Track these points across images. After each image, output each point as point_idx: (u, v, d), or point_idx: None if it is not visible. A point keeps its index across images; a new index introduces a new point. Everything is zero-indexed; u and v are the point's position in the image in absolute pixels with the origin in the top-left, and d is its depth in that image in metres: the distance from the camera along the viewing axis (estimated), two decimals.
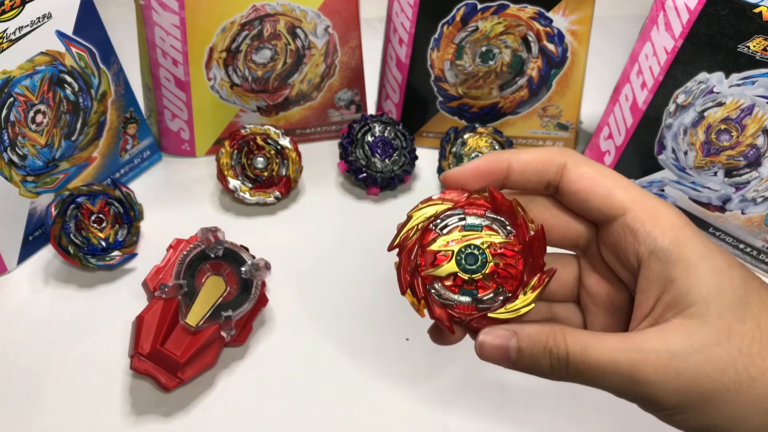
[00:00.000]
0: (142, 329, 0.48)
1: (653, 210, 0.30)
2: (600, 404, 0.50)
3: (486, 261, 0.32)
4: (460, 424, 0.49)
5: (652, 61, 0.61)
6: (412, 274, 0.32)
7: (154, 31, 0.61)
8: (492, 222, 0.32)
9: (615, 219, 0.31)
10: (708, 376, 0.27)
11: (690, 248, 0.29)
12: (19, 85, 0.52)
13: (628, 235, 0.30)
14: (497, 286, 0.32)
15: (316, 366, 0.52)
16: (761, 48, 0.55)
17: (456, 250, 0.32)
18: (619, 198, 0.30)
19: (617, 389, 0.29)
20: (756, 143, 0.58)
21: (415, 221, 0.32)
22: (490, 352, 0.31)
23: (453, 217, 0.32)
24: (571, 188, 0.31)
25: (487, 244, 0.32)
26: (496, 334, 0.31)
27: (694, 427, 0.29)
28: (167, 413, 0.48)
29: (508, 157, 0.32)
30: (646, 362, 0.28)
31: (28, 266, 0.58)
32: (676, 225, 0.29)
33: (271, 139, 0.64)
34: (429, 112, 0.70)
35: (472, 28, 0.65)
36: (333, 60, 0.67)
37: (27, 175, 0.55)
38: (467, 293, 0.32)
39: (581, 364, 0.29)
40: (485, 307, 0.32)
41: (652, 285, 0.29)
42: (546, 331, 0.30)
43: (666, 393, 0.28)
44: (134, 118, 0.64)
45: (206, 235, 0.52)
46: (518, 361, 0.31)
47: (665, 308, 0.29)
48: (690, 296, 0.28)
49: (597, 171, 0.31)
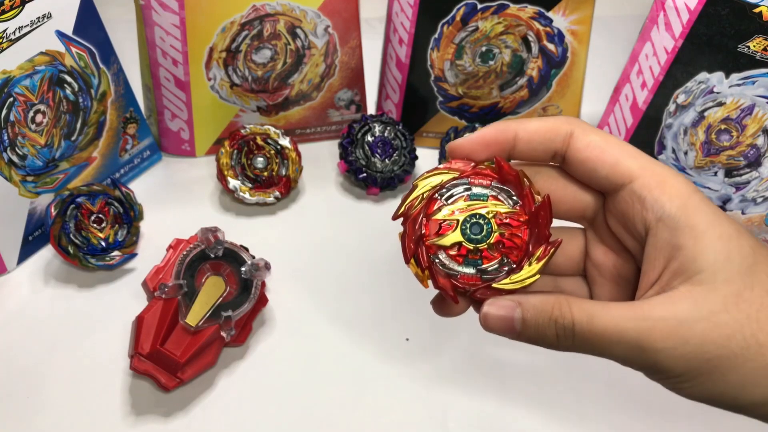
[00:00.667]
0: (142, 329, 0.48)
1: (661, 177, 0.29)
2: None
3: (491, 231, 0.31)
4: (461, 424, 0.49)
5: (652, 61, 0.61)
6: (416, 243, 0.32)
7: (154, 31, 0.61)
8: (498, 192, 0.32)
9: (623, 187, 0.30)
10: (715, 343, 0.27)
11: (698, 215, 0.28)
12: (18, 85, 0.52)
13: (636, 202, 0.30)
14: (502, 257, 0.31)
15: (316, 366, 0.52)
16: (761, 48, 0.55)
17: (461, 219, 0.31)
18: (627, 165, 0.30)
19: (624, 358, 0.29)
20: (756, 143, 0.58)
21: (420, 190, 0.32)
22: (495, 323, 0.31)
23: (459, 187, 0.32)
24: (578, 157, 0.31)
25: (492, 213, 0.31)
26: (500, 304, 0.31)
27: (701, 394, 0.29)
28: (167, 413, 0.48)
29: (514, 127, 0.32)
30: (653, 330, 0.27)
31: (28, 266, 0.58)
32: (684, 192, 0.29)
33: (271, 139, 0.64)
34: (429, 112, 0.70)
35: (472, 28, 0.65)
36: (333, 60, 0.67)
37: (27, 175, 0.55)
38: (472, 263, 0.32)
39: (588, 333, 0.29)
40: (490, 278, 0.31)
41: (660, 252, 0.29)
42: (551, 301, 0.30)
43: (673, 360, 0.27)
44: (134, 118, 0.64)
45: (206, 235, 0.52)
46: (523, 332, 0.30)
47: (672, 276, 0.28)
48: (697, 263, 0.28)
49: (604, 139, 0.31)
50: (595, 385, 0.52)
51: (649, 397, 0.51)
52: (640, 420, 0.50)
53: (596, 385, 0.52)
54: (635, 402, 0.51)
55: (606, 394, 0.51)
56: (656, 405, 0.51)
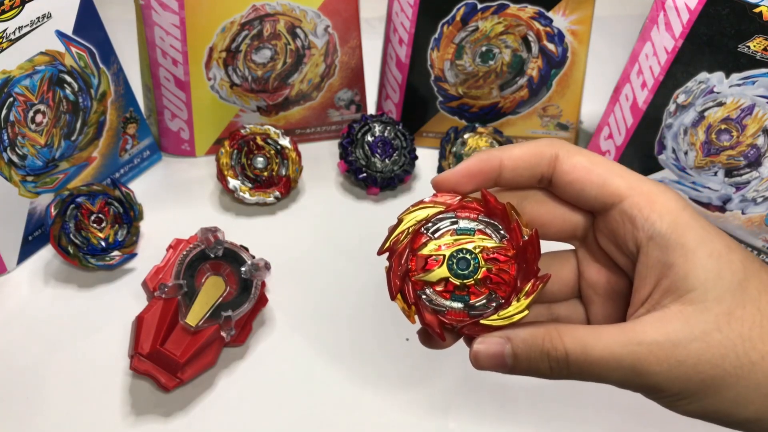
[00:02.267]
0: (141, 329, 0.48)
1: (650, 195, 0.29)
2: (602, 402, 0.50)
3: (478, 266, 0.31)
4: (461, 423, 0.49)
5: (653, 60, 0.61)
6: (402, 278, 0.31)
7: (154, 30, 0.61)
8: (485, 226, 0.31)
9: (612, 207, 0.30)
10: (709, 363, 0.27)
11: (688, 233, 0.28)
12: (18, 85, 0.52)
13: (626, 221, 0.30)
14: (490, 292, 0.31)
15: (315, 366, 0.52)
16: (761, 48, 0.55)
17: (447, 254, 0.31)
18: (615, 185, 0.30)
19: (620, 382, 0.29)
20: (756, 143, 0.58)
21: (406, 224, 0.31)
22: (486, 361, 0.30)
23: (445, 221, 0.31)
24: (564, 179, 0.31)
25: (479, 248, 0.31)
26: (490, 341, 0.30)
27: (695, 411, 0.29)
28: (167, 413, 0.48)
29: (498, 155, 0.31)
30: (649, 354, 0.27)
31: (28, 266, 0.58)
32: (674, 209, 0.29)
33: (270, 139, 0.64)
34: (429, 112, 0.70)
35: (472, 27, 0.65)
36: (333, 60, 0.67)
37: (27, 175, 0.55)
38: (459, 299, 0.31)
39: (583, 363, 0.29)
40: (477, 314, 0.31)
41: (650, 271, 0.29)
42: (541, 334, 0.30)
43: (669, 382, 0.28)
44: (134, 117, 0.64)
45: (206, 235, 0.52)
46: (515, 367, 0.30)
47: (663, 294, 0.28)
48: (688, 282, 0.28)
49: (590, 160, 0.31)
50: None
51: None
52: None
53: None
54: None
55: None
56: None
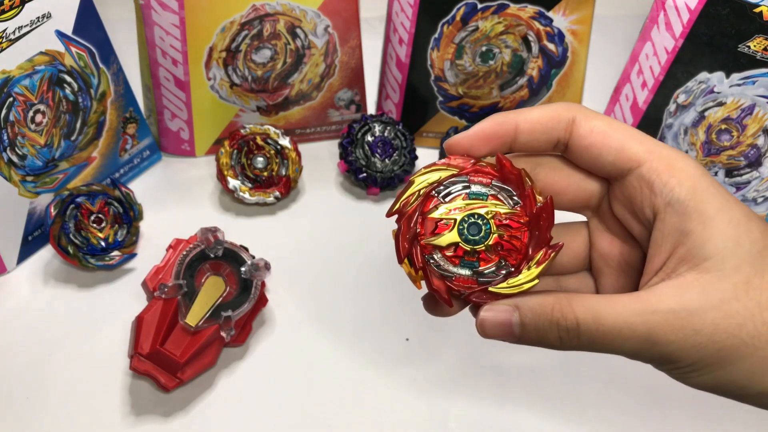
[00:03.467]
0: (141, 329, 0.48)
1: (669, 160, 0.29)
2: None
3: (490, 232, 0.30)
4: (462, 423, 0.49)
5: (653, 60, 0.61)
6: (410, 242, 0.30)
7: (154, 30, 0.61)
8: (498, 191, 0.30)
9: (630, 172, 0.29)
10: (726, 332, 0.27)
11: (707, 199, 0.28)
12: (18, 85, 0.52)
13: (644, 187, 0.29)
14: (500, 259, 0.30)
15: (316, 366, 0.52)
16: (762, 48, 0.55)
17: (458, 218, 0.30)
18: (634, 150, 0.29)
19: (633, 352, 0.28)
20: (756, 143, 0.58)
21: (417, 187, 0.30)
22: (492, 329, 0.30)
23: (457, 185, 0.30)
24: (581, 143, 0.30)
25: (491, 213, 0.30)
26: (497, 309, 0.30)
27: (708, 383, 0.28)
28: (167, 413, 0.48)
29: (514, 118, 0.31)
30: (664, 323, 0.27)
31: (28, 266, 0.58)
32: (693, 175, 0.28)
33: (270, 138, 0.64)
34: (429, 111, 0.70)
35: (472, 27, 0.65)
36: (333, 60, 0.67)
37: (26, 175, 0.55)
38: (468, 265, 0.30)
39: (595, 333, 0.28)
40: (486, 281, 0.30)
41: (667, 238, 0.28)
42: (550, 302, 0.29)
43: (684, 351, 0.27)
44: (134, 117, 0.64)
45: (206, 235, 0.52)
46: (523, 336, 0.29)
47: (679, 262, 0.28)
48: (706, 249, 0.27)
49: (608, 124, 0.30)
50: (595, 383, 0.52)
51: (649, 395, 0.51)
52: (639, 418, 0.50)
53: (596, 384, 0.51)
54: (635, 400, 0.51)
55: (606, 393, 0.51)
56: (656, 402, 0.51)
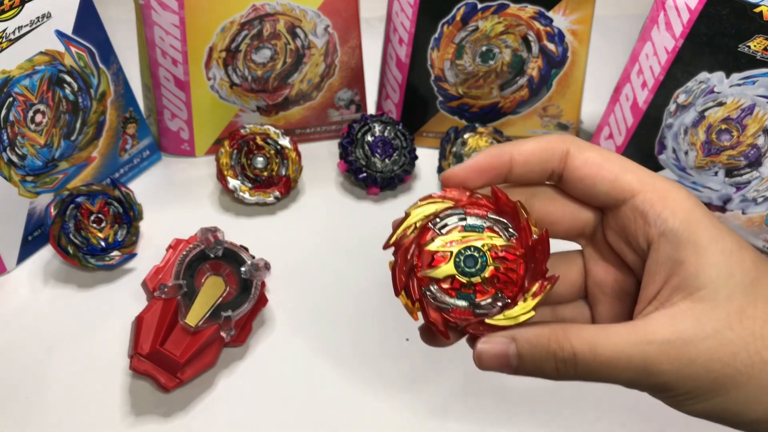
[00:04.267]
0: (141, 329, 0.48)
1: (663, 191, 0.29)
2: (601, 404, 0.50)
3: (486, 264, 0.30)
4: (461, 424, 0.49)
5: (653, 60, 0.61)
6: (407, 274, 0.31)
7: (154, 30, 0.61)
8: (494, 223, 0.31)
9: (623, 203, 0.30)
10: (721, 361, 0.27)
11: (700, 230, 0.28)
12: (18, 85, 0.52)
13: (638, 217, 0.29)
14: (496, 291, 0.30)
15: (315, 366, 0.52)
16: (762, 48, 0.55)
17: (455, 251, 0.30)
18: (627, 181, 0.30)
19: (629, 382, 0.28)
20: (757, 143, 0.58)
21: (413, 219, 0.31)
22: (490, 361, 0.30)
23: (453, 217, 0.31)
24: (575, 175, 0.31)
25: (488, 246, 0.30)
26: (494, 341, 0.30)
27: (703, 411, 0.28)
28: (167, 413, 0.48)
29: (509, 150, 0.31)
30: (659, 353, 0.27)
31: (28, 266, 0.58)
32: (686, 206, 0.29)
33: (270, 138, 0.64)
34: (429, 111, 0.70)
35: (473, 27, 0.65)
36: (333, 60, 0.67)
37: (26, 175, 0.55)
38: (464, 297, 0.31)
39: (592, 363, 0.28)
40: (483, 313, 0.30)
41: (660, 267, 0.29)
42: (547, 334, 0.29)
43: (679, 381, 0.27)
44: (134, 117, 0.64)
45: (206, 235, 0.52)
46: (520, 367, 0.30)
47: (672, 291, 0.28)
48: (699, 279, 0.27)
49: (601, 155, 0.30)
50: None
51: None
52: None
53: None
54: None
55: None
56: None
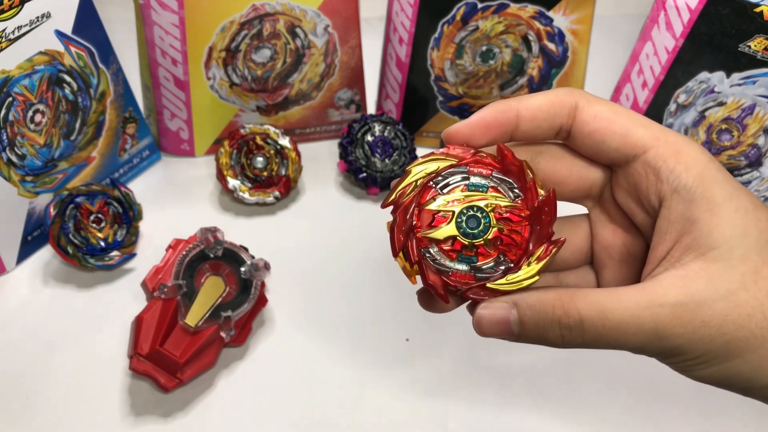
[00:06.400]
0: (141, 329, 0.48)
1: (676, 146, 0.28)
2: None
3: (489, 225, 0.29)
4: (461, 424, 0.49)
5: (653, 60, 0.61)
6: (406, 234, 0.29)
7: (153, 30, 0.61)
8: (498, 183, 0.29)
9: (635, 158, 0.28)
10: (735, 323, 0.26)
11: (715, 186, 0.27)
12: (17, 85, 0.52)
13: (650, 173, 0.28)
14: (499, 254, 0.29)
15: (315, 366, 0.52)
16: (762, 47, 0.55)
17: (457, 211, 0.29)
18: (639, 135, 0.28)
19: (639, 347, 0.27)
20: (757, 143, 0.58)
21: (414, 177, 0.29)
22: (489, 328, 0.29)
23: (456, 175, 0.29)
24: (585, 130, 0.29)
25: (491, 206, 0.29)
26: (495, 306, 0.28)
27: (713, 376, 0.27)
28: (166, 414, 0.48)
29: (515, 105, 0.29)
30: (672, 316, 0.26)
31: (27, 266, 0.58)
32: (700, 161, 0.27)
33: (270, 138, 0.64)
34: (429, 111, 0.70)
35: (473, 27, 0.65)
36: (333, 59, 0.67)
37: (26, 175, 0.55)
38: (466, 260, 0.29)
39: (601, 329, 0.27)
40: (484, 277, 0.29)
41: (672, 226, 0.27)
42: (551, 299, 0.28)
43: (691, 344, 0.26)
44: (133, 117, 0.64)
45: (205, 235, 0.52)
46: (522, 334, 0.28)
47: (684, 251, 0.27)
48: (712, 238, 0.26)
49: (612, 109, 0.29)
50: (595, 383, 0.51)
51: (649, 394, 0.51)
52: (639, 417, 0.50)
53: (596, 383, 0.51)
54: (635, 399, 0.51)
55: (606, 392, 0.51)
56: (656, 402, 0.50)
